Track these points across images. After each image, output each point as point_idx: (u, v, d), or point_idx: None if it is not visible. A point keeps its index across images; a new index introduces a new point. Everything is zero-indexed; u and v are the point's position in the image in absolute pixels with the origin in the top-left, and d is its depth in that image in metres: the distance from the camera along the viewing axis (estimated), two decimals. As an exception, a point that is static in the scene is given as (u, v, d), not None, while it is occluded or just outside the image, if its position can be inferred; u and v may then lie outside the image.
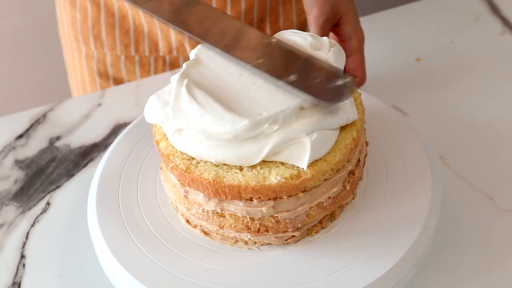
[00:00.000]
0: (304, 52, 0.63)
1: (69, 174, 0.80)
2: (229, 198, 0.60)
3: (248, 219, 0.62)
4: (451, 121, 0.83)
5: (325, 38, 0.67)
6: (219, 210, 0.61)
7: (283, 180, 0.58)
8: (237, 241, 0.64)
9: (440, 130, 0.82)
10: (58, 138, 0.85)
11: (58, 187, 0.78)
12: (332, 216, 0.66)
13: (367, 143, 0.69)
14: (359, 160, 0.65)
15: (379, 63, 0.93)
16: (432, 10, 1.03)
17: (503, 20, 0.99)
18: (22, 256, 0.71)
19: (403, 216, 0.65)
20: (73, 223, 0.73)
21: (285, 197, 0.60)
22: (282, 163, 0.60)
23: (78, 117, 0.87)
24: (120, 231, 0.65)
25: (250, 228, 0.62)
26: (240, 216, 0.61)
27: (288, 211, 0.61)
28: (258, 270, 0.62)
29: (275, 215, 0.61)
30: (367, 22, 1.00)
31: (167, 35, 0.97)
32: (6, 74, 1.66)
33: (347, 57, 0.79)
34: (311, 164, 0.59)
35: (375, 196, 0.67)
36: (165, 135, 0.64)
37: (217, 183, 0.59)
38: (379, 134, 0.73)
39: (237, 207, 0.60)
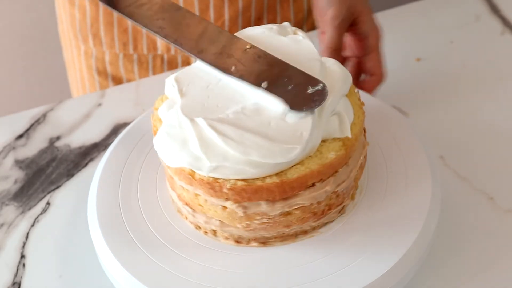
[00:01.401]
0: (278, 59, 0.64)
1: (69, 174, 0.80)
2: (296, 191, 0.60)
3: (315, 204, 0.62)
4: (451, 121, 0.83)
5: (286, 23, 0.69)
6: (287, 209, 0.61)
7: (338, 153, 0.60)
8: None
9: (440, 130, 0.82)
10: (58, 138, 0.85)
11: (58, 187, 0.78)
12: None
13: (367, 143, 0.69)
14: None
15: (379, 63, 0.93)
16: (432, 10, 1.03)
17: (503, 20, 0.99)
18: (22, 256, 0.71)
19: (403, 216, 0.65)
20: (73, 223, 0.73)
21: (340, 169, 0.61)
22: (323, 140, 0.61)
23: (78, 117, 0.87)
24: (120, 231, 0.65)
25: (316, 213, 0.63)
26: (307, 204, 0.62)
27: (343, 181, 0.63)
28: (259, 270, 0.62)
29: (336, 190, 0.62)
30: (367, 22, 1.00)
31: None
32: (6, 74, 1.66)
33: (365, 55, 0.79)
34: None
35: (375, 196, 0.67)
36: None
37: (283, 182, 0.59)
38: (379, 134, 0.73)
39: (303, 197, 0.61)
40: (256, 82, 0.62)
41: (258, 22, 0.99)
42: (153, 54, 0.99)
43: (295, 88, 0.61)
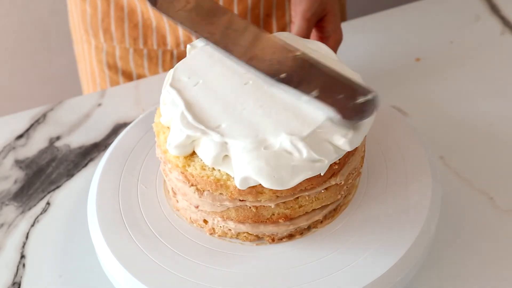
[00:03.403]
0: (328, 67, 0.63)
1: (69, 174, 0.80)
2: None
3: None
4: (451, 121, 0.83)
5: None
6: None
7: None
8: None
9: (440, 130, 0.82)
10: (58, 138, 0.85)
11: (58, 187, 0.78)
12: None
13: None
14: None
15: (379, 63, 0.93)
16: (432, 10, 1.03)
17: (503, 20, 0.99)
18: (22, 256, 0.71)
19: (403, 216, 0.65)
20: (73, 223, 0.73)
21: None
22: None
23: (78, 117, 0.87)
24: (120, 231, 0.65)
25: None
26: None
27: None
28: (259, 270, 0.62)
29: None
30: (367, 22, 1.00)
31: (175, 29, 0.98)
32: (6, 74, 1.66)
33: None
34: None
35: (375, 195, 0.67)
36: None
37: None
38: (379, 134, 0.73)
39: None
40: (306, 90, 0.60)
41: (267, 18, 0.99)
42: (163, 49, 1.00)
43: (345, 97, 0.59)
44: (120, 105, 0.89)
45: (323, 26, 0.80)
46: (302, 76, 0.62)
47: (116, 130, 0.85)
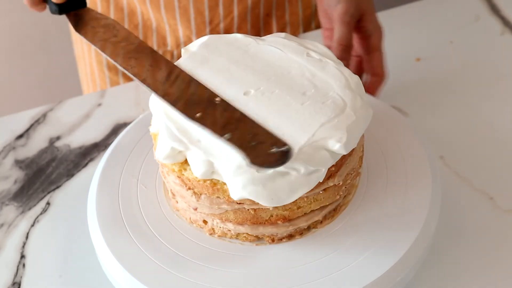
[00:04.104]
0: (246, 116, 0.60)
1: (69, 174, 0.80)
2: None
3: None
4: (451, 121, 0.83)
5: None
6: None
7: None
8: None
9: (440, 130, 0.82)
10: (58, 138, 0.85)
11: (58, 187, 0.78)
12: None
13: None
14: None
15: (379, 63, 0.93)
16: (432, 10, 1.03)
17: (503, 20, 0.99)
18: (22, 256, 0.71)
19: (403, 216, 0.65)
20: (73, 223, 0.73)
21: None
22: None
23: (78, 117, 0.87)
24: (120, 231, 0.65)
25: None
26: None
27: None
28: (259, 270, 0.62)
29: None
30: (367, 22, 1.00)
31: (175, 30, 0.98)
32: (6, 74, 1.66)
33: (368, 54, 0.80)
34: None
35: (375, 196, 0.67)
36: None
37: None
38: (379, 134, 0.73)
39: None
40: (220, 132, 0.58)
41: (267, 18, 0.99)
42: (163, 49, 1.00)
43: (258, 145, 0.57)
44: (120, 105, 0.89)
45: (363, 26, 0.79)
46: (217, 119, 0.60)
47: (116, 130, 0.85)
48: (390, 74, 0.84)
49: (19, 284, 0.68)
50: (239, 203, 0.61)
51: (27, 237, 0.73)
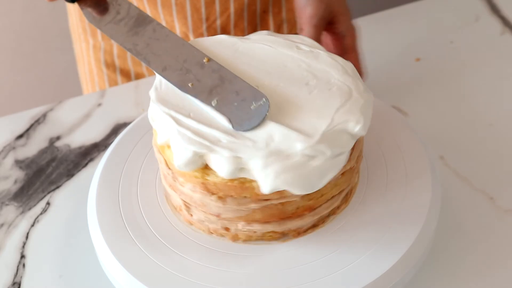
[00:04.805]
0: (230, 72, 0.63)
1: (69, 174, 0.80)
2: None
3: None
4: (451, 121, 0.83)
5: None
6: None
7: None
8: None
9: (440, 130, 0.82)
10: (58, 138, 0.85)
11: (58, 187, 0.78)
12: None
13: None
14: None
15: (379, 63, 0.93)
16: (432, 10, 1.03)
17: (503, 20, 0.99)
18: (22, 256, 0.71)
19: (403, 216, 0.65)
20: (73, 223, 0.73)
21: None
22: None
23: (78, 117, 0.87)
24: (120, 231, 0.65)
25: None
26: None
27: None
28: (259, 270, 0.62)
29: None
30: (367, 22, 1.00)
31: (172, 27, 0.98)
32: (6, 74, 1.66)
33: (342, 55, 0.80)
34: None
35: (374, 196, 0.67)
36: None
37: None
38: (379, 134, 0.73)
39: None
40: (207, 99, 0.61)
41: (264, 15, 0.99)
42: None
43: (240, 104, 0.60)
44: (120, 105, 0.89)
45: (336, 27, 0.79)
46: (206, 84, 0.62)
47: (116, 130, 0.85)
48: (390, 74, 0.84)
49: (19, 284, 0.68)
50: (267, 200, 0.61)
51: (27, 237, 0.73)
